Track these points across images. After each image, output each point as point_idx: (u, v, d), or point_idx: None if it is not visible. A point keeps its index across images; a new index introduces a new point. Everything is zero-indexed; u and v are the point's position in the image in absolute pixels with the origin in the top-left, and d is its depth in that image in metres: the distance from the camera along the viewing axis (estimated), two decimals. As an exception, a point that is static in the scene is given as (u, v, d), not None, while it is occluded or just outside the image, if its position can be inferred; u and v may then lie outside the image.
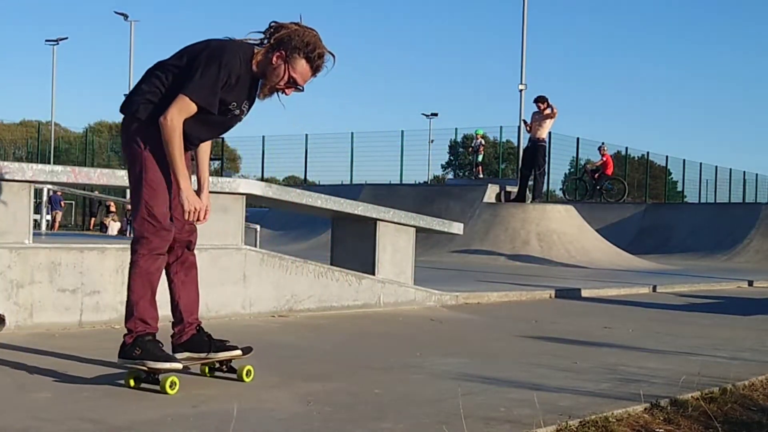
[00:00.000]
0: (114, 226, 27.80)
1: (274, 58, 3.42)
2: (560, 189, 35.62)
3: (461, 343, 5.22)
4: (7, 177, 4.78)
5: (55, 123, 45.12)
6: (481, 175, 25.27)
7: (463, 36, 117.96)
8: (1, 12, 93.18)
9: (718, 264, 16.54)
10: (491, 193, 17.38)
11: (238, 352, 3.73)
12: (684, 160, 36.59)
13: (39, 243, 5.00)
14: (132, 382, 3.43)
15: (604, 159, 23.98)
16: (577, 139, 30.11)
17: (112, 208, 30.93)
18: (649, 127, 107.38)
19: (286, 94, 3.50)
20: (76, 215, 40.05)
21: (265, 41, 3.45)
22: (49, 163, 26.21)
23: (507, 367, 4.22)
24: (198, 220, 3.54)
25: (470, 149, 27.29)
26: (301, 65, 3.45)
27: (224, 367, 3.73)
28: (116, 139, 52.11)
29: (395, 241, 6.96)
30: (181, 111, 3.31)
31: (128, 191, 3.64)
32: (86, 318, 5.03)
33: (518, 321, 6.42)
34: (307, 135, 32.60)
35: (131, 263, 3.55)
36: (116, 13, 39.61)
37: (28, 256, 4.83)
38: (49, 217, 25.90)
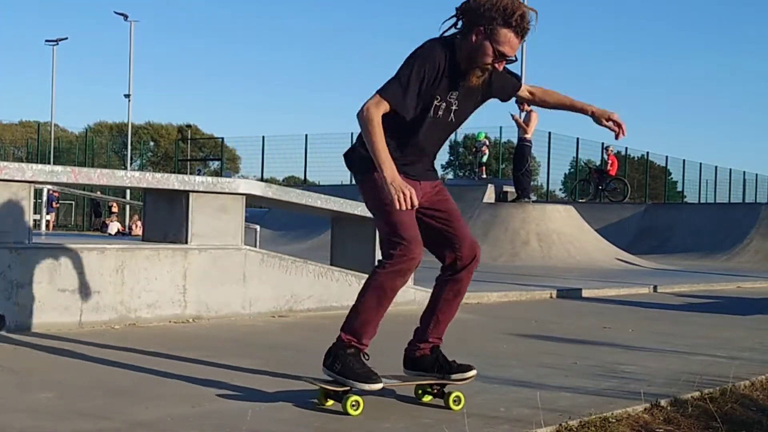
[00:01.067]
0: (113, 226, 27.80)
1: (474, 38, 3.18)
2: (560, 189, 35.60)
3: (461, 343, 5.21)
4: (7, 177, 4.78)
5: (54, 123, 45.14)
6: (484, 176, 25.24)
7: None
8: (1, 12, 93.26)
9: (718, 264, 16.54)
10: (491, 193, 17.38)
11: (473, 372, 3.38)
12: (684, 160, 36.61)
13: (39, 243, 5.00)
14: (327, 403, 3.21)
15: (610, 161, 24.02)
16: (577, 139, 30.13)
17: (114, 209, 30.94)
18: (649, 127, 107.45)
19: (497, 69, 3.25)
20: (76, 215, 40.07)
21: (459, 26, 3.24)
22: (49, 163, 26.23)
23: (507, 367, 4.22)
24: (404, 204, 3.08)
25: (473, 149, 27.20)
26: (505, 34, 3.16)
27: (434, 389, 3.38)
28: (116, 139, 52.21)
29: (395, 241, 6.95)
30: (376, 105, 3.13)
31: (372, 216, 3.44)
32: (86, 318, 5.04)
33: (518, 321, 6.42)
34: (307, 135, 32.63)
35: (372, 274, 3.33)
36: (116, 13, 39.75)
37: (28, 256, 4.83)
38: (49, 216, 25.89)
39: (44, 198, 20.85)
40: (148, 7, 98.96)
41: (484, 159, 25.42)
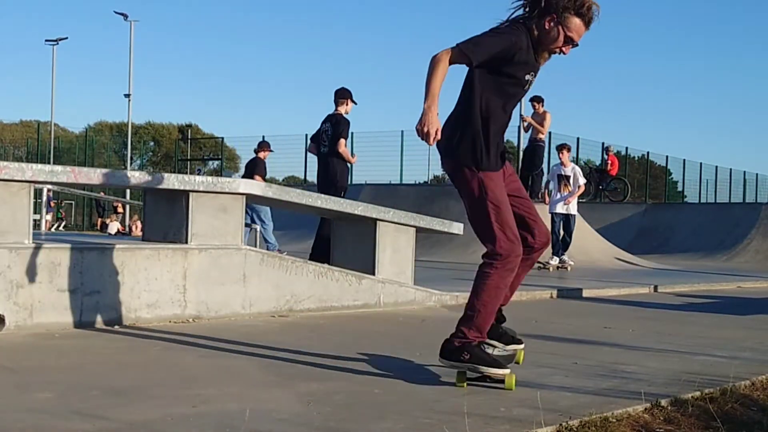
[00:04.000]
0: (113, 226, 27.80)
1: (546, 24, 3.57)
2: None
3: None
4: (7, 177, 4.78)
5: (54, 123, 45.13)
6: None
7: (463, 35, 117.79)
8: (1, 12, 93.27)
9: (718, 264, 16.54)
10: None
11: (522, 346, 3.96)
12: (684, 160, 36.58)
13: (39, 243, 5.00)
14: (464, 385, 3.62)
15: (611, 161, 24.02)
16: (577, 139, 30.07)
17: (120, 209, 30.91)
18: (649, 127, 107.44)
19: (564, 53, 3.66)
20: (76, 215, 40.06)
21: (527, 12, 3.60)
22: (48, 163, 26.22)
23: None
24: (423, 137, 3.39)
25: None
26: (575, 22, 3.58)
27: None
28: (116, 139, 52.21)
29: (395, 241, 6.96)
30: (448, 53, 3.45)
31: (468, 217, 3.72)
32: (86, 318, 5.03)
33: (518, 321, 6.41)
34: (307, 135, 32.56)
35: (483, 273, 3.61)
36: (116, 13, 39.66)
37: (28, 256, 4.83)
38: (49, 216, 25.90)
39: (44, 198, 20.84)
40: (148, 7, 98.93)
41: None
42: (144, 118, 70.07)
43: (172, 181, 5.54)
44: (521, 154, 26.98)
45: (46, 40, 42.25)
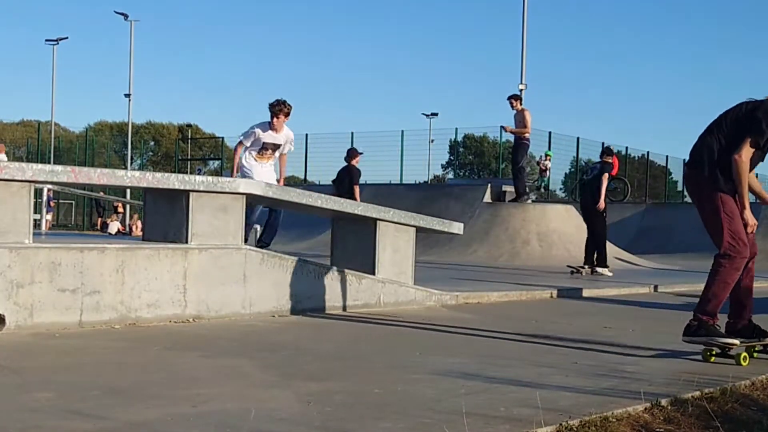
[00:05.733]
0: (113, 226, 27.79)
1: None
2: (560, 189, 35.56)
3: (461, 342, 5.22)
4: (7, 177, 4.78)
5: (55, 123, 45.13)
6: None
7: (463, 36, 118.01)
8: (1, 12, 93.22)
9: (718, 264, 16.49)
10: (491, 193, 17.37)
11: None
12: (684, 160, 36.53)
13: (39, 243, 5.00)
14: (710, 357, 4.63)
15: (612, 162, 23.94)
16: (577, 139, 30.12)
17: (120, 209, 30.88)
18: (649, 127, 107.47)
19: None
20: (76, 215, 40.05)
21: None
22: (49, 163, 26.21)
23: (507, 367, 4.21)
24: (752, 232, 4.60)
25: (541, 169, 25.76)
26: None
27: (759, 348, 4.78)
28: (116, 139, 52.20)
29: (395, 241, 6.96)
30: (747, 151, 4.49)
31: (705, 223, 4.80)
32: (86, 318, 5.03)
33: (518, 321, 6.42)
34: (307, 135, 32.59)
35: (716, 269, 4.62)
36: (116, 13, 39.63)
37: (28, 256, 4.83)
38: (49, 216, 25.89)
39: (44, 198, 20.84)
40: (148, 7, 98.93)
41: (545, 182, 24.80)
42: (144, 118, 70.09)
43: (172, 181, 5.54)
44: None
45: (46, 40, 42.25)
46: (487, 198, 17.00)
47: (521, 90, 26.81)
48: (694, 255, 18.03)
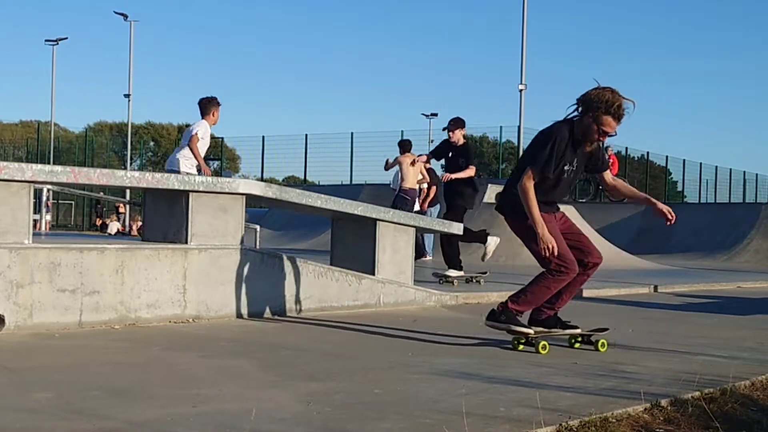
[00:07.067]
0: (113, 226, 27.79)
1: (585, 120, 4.61)
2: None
3: (461, 343, 5.21)
4: (7, 177, 4.78)
5: (54, 123, 45.10)
6: None
7: (463, 36, 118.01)
8: (1, 12, 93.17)
9: (718, 264, 16.54)
10: (491, 193, 17.36)
11: (578, 330, 4.98)
12: (684, 160, 36.58)
13: (39, 243, 5.00)
14: (519, 346, 4.80)
15: (611, 161, 24.00)
16: (577, 139, 30.05)
17: (121, 210, 30.84)
18: (649, 127, 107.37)
19: (602, 141, 4.74)
20: (76, 215, 40.05)
21: (576, 112, 4.64)
22: (49, 163, 26.20)
23: (507, 367, 4.21)
24: (548, 252, 4.59)
25: None
26: (606, 119, 4.56)
27: (582, 339, 4.98)
28: (116, 139, 52.17)
29: (395, 241, 6.96)
30: (529, 178, 4.59)
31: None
32: (86, 318, 5.03)
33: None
34: (307, 135, 32.58)
35: (545, 276, 4.72)
36: (116, 13, 39.59)
37: (28, 256, 4.83)
38: (49, 216, 25.88)
39: (43, 198, 20.82)
40: (148, 7, 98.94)
41: None
42: (144, 118, 70.15)
43: (171, 181, 5.54)
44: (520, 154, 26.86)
45: (46, 40, 42.20)
46: (487, 198, 17.00)
47: (521, 90, 26.78)
48: (694, 255, 18.07)
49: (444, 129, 9.61)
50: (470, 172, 9.41)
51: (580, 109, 4.63)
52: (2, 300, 4.71)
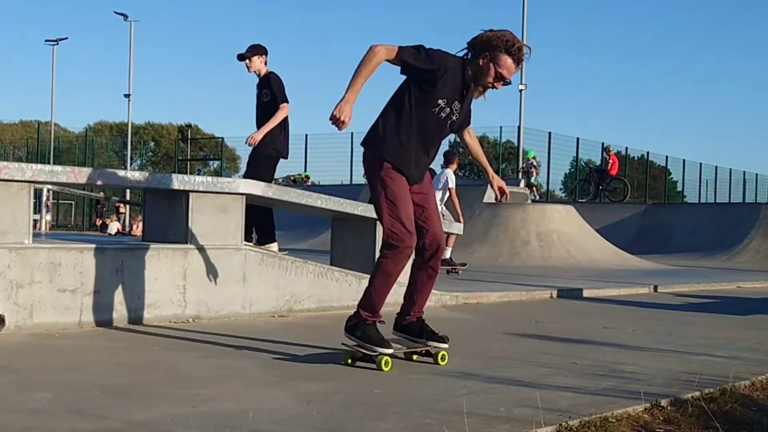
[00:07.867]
0: (113, 226, 27.78)
1: (481, 61, 4.01)
2: (560, 189, 35.51)
3: (461, 343, 5.21)
4: (7, 177, 4.78)
5: (54, 123, 45.12)
6: (537, 196, 24.57)
7: (462, 36, 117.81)
8: (1, 12, 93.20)
9: (718, 264, 16.54)
10: (491, 193, 17.37)
11: (445, 345, 4.27)
12: (684, 160, 36.60)
13: (39, 243, 5.00)
14: (349, 361, 4.11)
15: (611, 161, 24.01)
16: (577, 139, 30.14)
17: (121, 210, 30.82)
18: (649, 127, 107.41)
19: (495, 88, 4.10)
20: (76, 215, 40.05)
21: (469, 53, 4.05)
22: (49, 163, 26.19)
23: (507, 367, 4.21)
24: (336, 123, 3.86)
25: (521, 170, 25.49)
26: (505, 60, 4.00)
27: (422, 351, 4.28)
28: (116, 139, 52.19)
29: (395, 241, 6.95)
30: (387, 49, 3.88)
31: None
32: (86, 318, 5.03)
33: (518, 321, 6.42)
34: (307, 135, 32.59)
35: (379, 260, 4.06)
36: (116, 13, 39.64)
37: (28, 256, 4.83)
38: (49, 216, 25.88)
39: (43, 198, 20.82)
40: (148, 7, 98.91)
41: (533, 180, 24.90)
42: (144, 118, 70.20)
43: (172, 181, 5.54)
44: (521, 155, 26.83)
45: (46, 40, 42.28)
46: (487, 198, 17.02)
47: (521, 90, 26.74)
48: (694, 255, 18.07)
49: (239, 58, 7.34)
50: (284, 113, 7.19)
51: (471, 52, 4.06)
52: (2, 300, 4.71)
